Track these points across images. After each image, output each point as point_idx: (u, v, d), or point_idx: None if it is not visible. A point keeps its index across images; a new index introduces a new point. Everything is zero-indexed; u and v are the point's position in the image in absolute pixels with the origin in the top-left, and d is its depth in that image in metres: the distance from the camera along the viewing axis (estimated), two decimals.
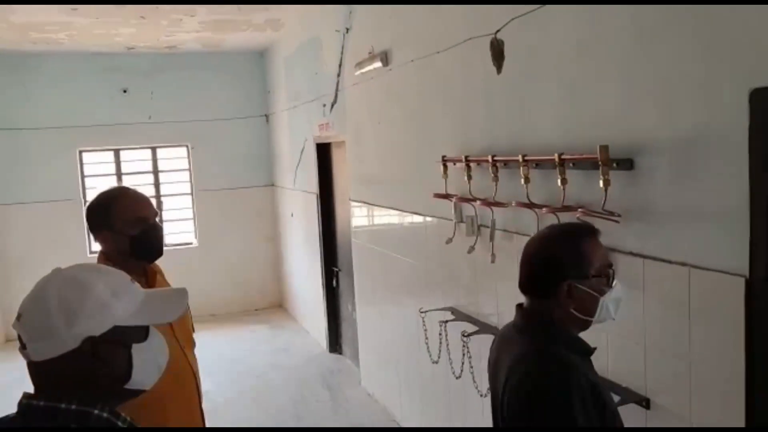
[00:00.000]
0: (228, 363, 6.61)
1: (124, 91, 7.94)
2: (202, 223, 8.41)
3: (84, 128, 7.77)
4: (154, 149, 8.27)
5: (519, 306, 1.86)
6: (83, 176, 8.00)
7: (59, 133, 7.69)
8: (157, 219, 2.47)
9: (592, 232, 1.83)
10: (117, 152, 8.14)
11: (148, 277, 2.46)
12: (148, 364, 1.43)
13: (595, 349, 1.85)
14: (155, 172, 8.32)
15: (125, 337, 1.35)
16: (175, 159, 8.41)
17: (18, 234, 7.67)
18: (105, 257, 2.38)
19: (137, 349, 1.38)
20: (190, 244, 8.49)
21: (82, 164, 8.00)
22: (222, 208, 8.38)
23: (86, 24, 6.08)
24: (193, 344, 2.59)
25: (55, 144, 7.70)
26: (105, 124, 7.83)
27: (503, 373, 1.74)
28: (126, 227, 2.33)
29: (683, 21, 2.09)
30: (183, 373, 2.42)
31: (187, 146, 8.34)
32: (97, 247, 2.45)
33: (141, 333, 1.40)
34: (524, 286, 1.83)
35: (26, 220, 7.67)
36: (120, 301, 1.35)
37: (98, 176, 8.03)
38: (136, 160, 8.26)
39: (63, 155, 7.79)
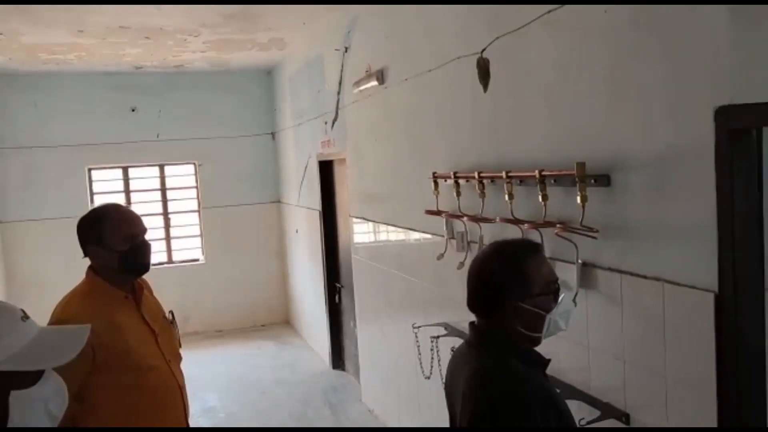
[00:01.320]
0: (233, 378, 6.66)
1: (133, 110, 8.07)
2: (209, 240, 8.49)
3: (93, 146, 7.90)
4: (161, 166, 8.38)
5: (471, 324, 1.89)
6: (92, 193, 8.11)
7: (69, 151, 7.82)
8: (146, 236, 2.53)
9: (534, 249, 1.85)
10: (125, 170, 8.26)
11: (136, 292, 2.52)
12: (33, 412, 1.28)
13: (549, 360, 1.87)
14: (163, 189, 8.42)
15: (1, 380, 1.20)
16: (182, 176, 8.52)
17: (29, 250, 7.78)
18: (93, 271, 2.46)
19: (18, 396, 1.23)
20: (197, 260, 8.57)
21: (91, 181, 8.12)
22: (229, 224, 8.46)
23: (94, 44, 6.21)
24: (179, 358, 2.65)
25: (65, 162, 7.83)
26: (114, 142, 7.96)
27: (460, 388, 1.77)
28: (115, 243, 2.40)
29: (654, 42, 2.13)
30: (169, 388, 2.49)
31: (194, 163, 8.44)
32: None
33: (26, 378, 1.27)
34: (471, 306, 1.85)
35: (37, 237, 7.78)
36: None
37: (107, 193, 8.14)
38: (144, 177, 8.37)
39: (73, 173, 7.92)
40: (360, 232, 5.48)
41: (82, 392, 2.31)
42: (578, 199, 2.37)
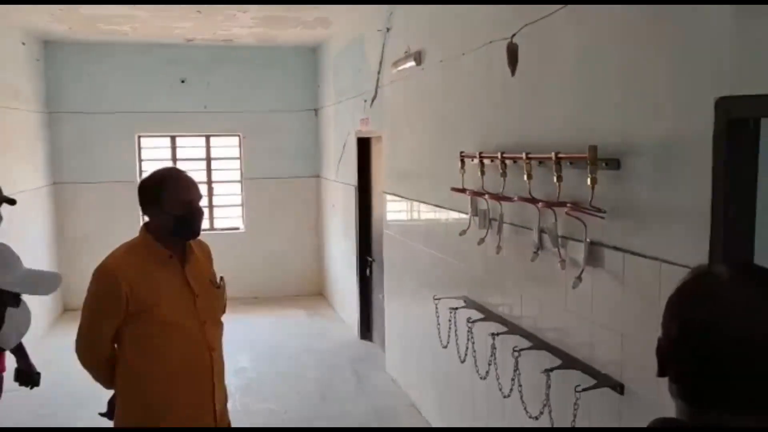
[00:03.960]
0: (265, 344, 6.95)
1: (182, 81, 8.36)
2: (249, 210, 8.79)
3: (144, 114, 8.24)
4: (207, 137, 8.69)
5: None
6: (141, 160, 8.47)
7: (121, 119, 8.18)
8: (200, 203, 2.71)
9: None
10: (173, 139, 8.59)
11: (185, 253, 2.68)
12: (13, 327, 1.80)
13: None
14: (208, 159, 8.73)
15: (2, 297, 1.70)
16: (226, 147, 8.81)
17: (80, 211, 8.20)
18: (146, 229, 2.65)
19: (9, 312, 1.75)
20: (238, 229, 8.88)
21: (140, 149, 8.47)
22: (269, 196, 8.73)
23: (148, 17, 6.49)
24: (218, 323, 2.79)
25: (117, 128, 8.20)
26: (163, 112, 8.28)
27: None
28: (172, 207, 2.57)
29: (663, 36, 2.25)
30: (197, 345, 2.65)
31: (239, 135, 8.72)
32: None
33: (15, 300, 1.79)
34: None
35: (87, 199, 8.19)
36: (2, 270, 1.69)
37: (155, 160, 8.48)
38: (191, 146, 8.69)
39: (123, 139, 8.28)
40: (392, 209, 5.66)
41: (119, 336, 2.57)
42: (588, 180, 2.51)
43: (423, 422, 4.87)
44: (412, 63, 4.68)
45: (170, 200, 2.56)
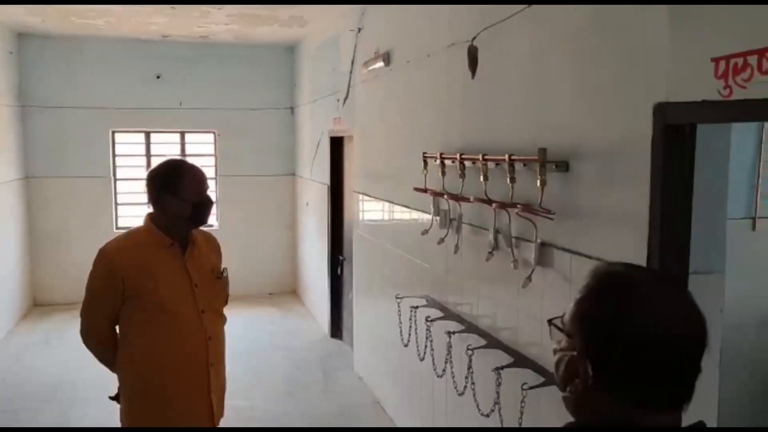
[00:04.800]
0: (237, 341, 6.85)
1: (158, 77, 8.33)
2: (224, 208, 8.77)
3: (118, 110, 8.20)
4: (182, 134, 8.67)
5: None
6: (115, 156, 8.43)
7: (95, 114, 8.13)
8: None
9: None
10: (148, 135, 8.55)
11: (187, 243, 2.74)
12: None
13: None
14: (183, 155, 8.70)
15: None
16: (202, 144, 8.79)
17: (54, 207, 8.13)
18: (150, 219, 2.72)
19: None
20: (212, 226, 8.86)
21: (114, 144, 8.43)
22: (244, 194, 8.73)
23: (122, 11, 6.47)
24: (218, 313, 2.86)
25: (91, 124, 8.14)
26: (138, 108, 8.24)
27: None
28: (190, 195, 2.66)
29: (608, 42, 2.30)
30: (194, 333, 2.71)
31: (214, 133, 8.71)
32: (123, 222, 2.84)
33: None
34: None
35: (59, 194, 8.14)
36: None
37: (129, 156, 8.47)
38: (165, 143, 8.66)
39: (97, 135, 8.22)
40: (363, 208, 5.70)
41: (120, 318, 2.68)
42: (538, 182, 2.56)
43: (387, 420, 4.91)
44: (381, 63, 4.72)
45: (189, 188, 2.66)
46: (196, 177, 2.71)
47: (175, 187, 2.63)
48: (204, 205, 2.70)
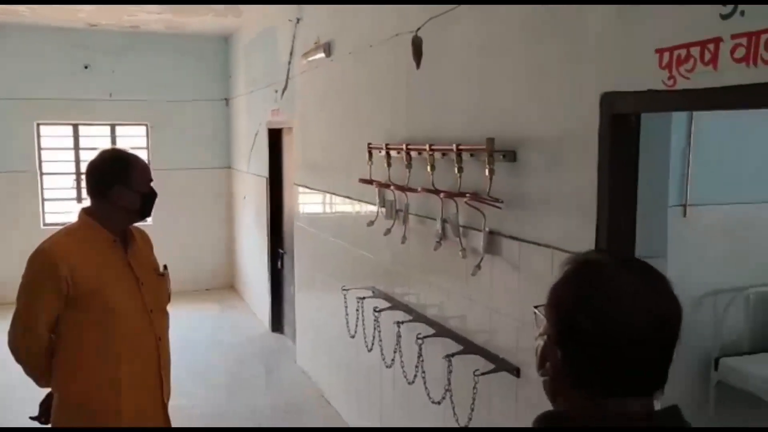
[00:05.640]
0: (174, 338, 6.69)
1: (86, 68, 8.02)
2: (158, 202, 8.46)
3: (43, 101, 7.84)
4: (113, 126, 8.37)
5: None
6: (40, 149, 8.07)
7: (17, 105, 7.75)
8: None
9: None
10: (76, 127, 8.22)
11: (127, 239, 2.59)
12: None
13: None
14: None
15: None
16: (133, 137, 8.51)
17: None
18: (86, 213, 2.53)
19: None
20: (145, 221, 8.59)
21: (39, 137, 8.07)
22: (178, 187, 8.49)
23: None
24: (164, 311, 2.73)
25: (12, 115, 7.76)
26: (65, 99, 7.91)
27: None
28: (140, 185, 2.53)
29: (554, 33, 2.35)
30: (144, 334, 2.57)
31: (146, 125, 8.45)
32: (51, 218, 2.63)
33: None
34: None
35: None
36: None
37: (56, 149, 8.12)
38: (95, 135, 8.35)
39: (20, 127, 7.86)
40: (303, 200, 5.65)
41: (58, 325, 2.43)
42: (486, 172, 2.59)
43: (333, 412, 4.89)
44: (322, 54, 4.68)
45: (138, 179, 2.53)
46: (144, 167, 2.59)
47: (126, 178, 2.49)
48: (152, 197, 2.59)
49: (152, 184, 2.62)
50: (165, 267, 2.78)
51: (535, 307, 1.19)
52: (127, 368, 2.50)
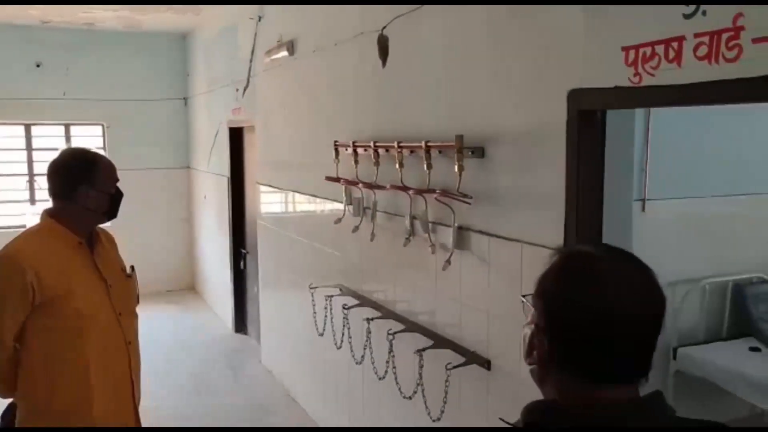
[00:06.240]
0: None
1: (38, 66, 7.82)
2: None
3: None
4: (67, 126, 8.18)
5: None
6: None
7: None
8: None
9: None
10: (28, 127, 8.01)
11: (92, 241, 2.52)
12: None
13: None
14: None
15: None
16: (89, 137, 8.33)
17: None
18: (49, 215, 2.45)
19: None
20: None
21: None
22: (136, 188, 8.26)
23: None
24: (133, 314, 2.69)
25: None
26: (15, 98, 7.68)
27: None
28: (107, 186, 2.48)
29: (523, 31, 2.40)
30: (114, 338, 2.51)
31: (102, 125, 8.28)
32: (3, 221, 2.52)
33: None
34: None
35: None
36: None
37: (7, 150, 7.90)
38: (49, 135, 8.15)
39: None
40: (266, 200, 5.62)
41: (23, 333, 2.34)
42: (456, 168, 2.63)
43: (300, 411, 4.89)
44: (285, 52, 4.67)
45: (105, 179, 2.47)
46: (110, 167, 2.53)
47: (93, 178, 2.43)
48: (118, 197, 2.54)
49: (118, 183, 2.58)
50: (132, 268, 2.73)
51: (523, 296, 1.22)
52: (97, 374, 2.44)
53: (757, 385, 3.40)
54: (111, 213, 2.54)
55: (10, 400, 2.49)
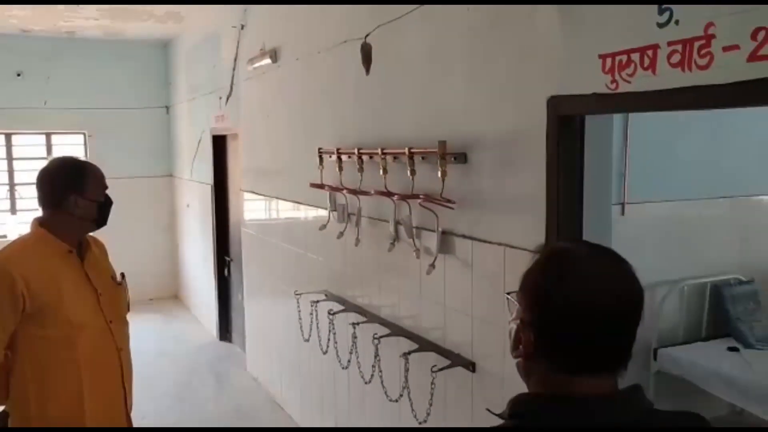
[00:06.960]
0: None
1: (18, 75, 7.78)
2: None
3: None
4: (48, 135, 8.14)
5: None
6: None
7: None
8: None
9: None
10: (8, 136, 7.97)
11: (82, 249, 2.53)
12: None
13: None
14: (50, 158, 8.19)
15: None
16: (71, 146, 8.29)
17: None
18: (39, 224, 2.46)
19: None
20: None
21: None
22: (118, 197, 8.18)
23: None
24: (124, 321, 2.67)
25: None
26: None
27: None
28: (96, 194, 2.49)
29: (503, 39, 2.46)
30: (105, 346, 2.52)
31: (84, 134, 8.25)
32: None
33: None
34: None
35: None
36: None
37: None
38: (30, 145, 8.10)
39: None
40: (250, 207, 5.64)
41: (14, 341, 2.35)
42: (439, 173, 2.68)
43: (286, 417, 4.90)
44: (268, 60, 4.70)
45: (94, 187, 2.49)
46: (99, 175, 2.55)
47: (81, 187, 2.45)
48: (108, 206, 2.55)
49: (107, 191, 2.59)
50: (123, 275, 2.75)
51: (508, 293, 1.27)
52: (89, 382, 2.45)
53: (735, 385, 3.47)
54: (100, 221, 2.55)
55: (2, 408, 2.50)
